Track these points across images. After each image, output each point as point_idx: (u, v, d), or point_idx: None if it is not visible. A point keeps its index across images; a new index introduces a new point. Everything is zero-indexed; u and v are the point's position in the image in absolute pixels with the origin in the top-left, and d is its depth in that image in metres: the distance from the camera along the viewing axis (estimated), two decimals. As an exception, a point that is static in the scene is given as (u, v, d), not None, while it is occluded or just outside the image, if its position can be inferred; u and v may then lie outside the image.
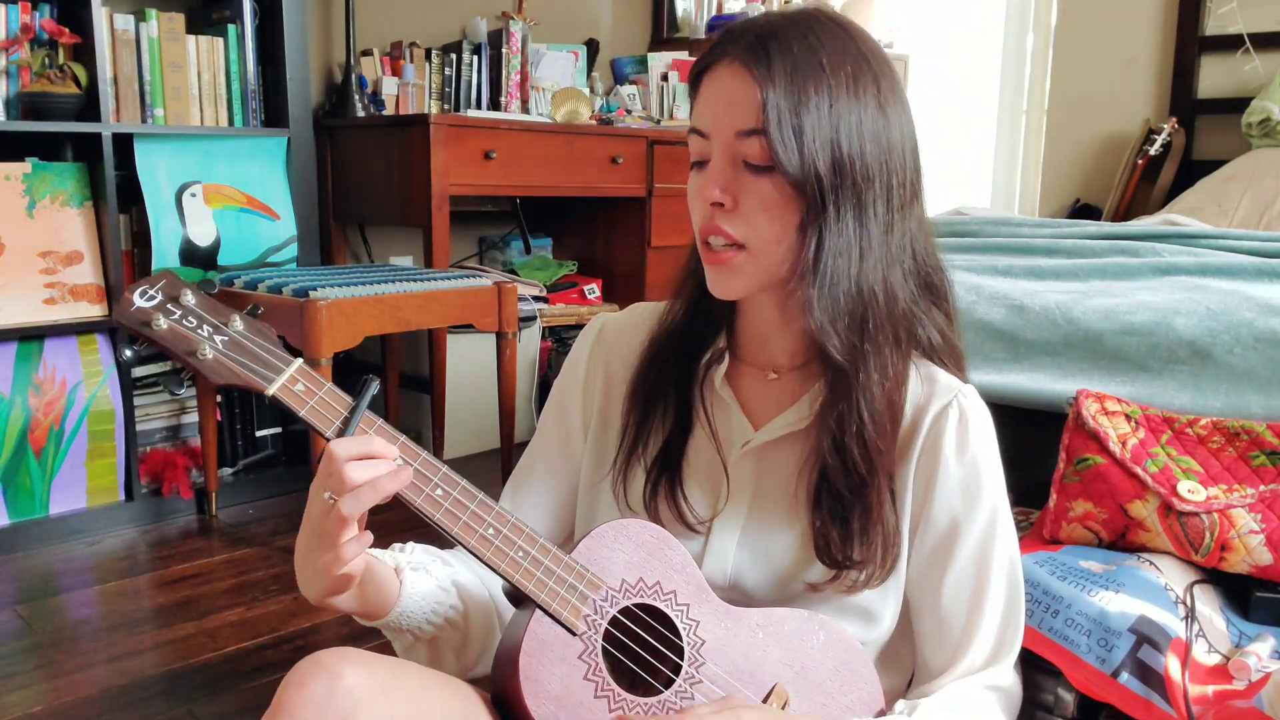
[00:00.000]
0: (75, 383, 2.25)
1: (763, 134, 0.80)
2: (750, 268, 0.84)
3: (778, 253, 0.83)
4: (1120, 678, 1.05)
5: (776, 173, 0.80)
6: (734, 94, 0.81)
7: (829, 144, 0.80)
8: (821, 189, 0.80)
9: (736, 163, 0.82)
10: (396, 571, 0.86)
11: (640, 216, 3.12)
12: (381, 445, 0.76)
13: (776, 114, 0.79)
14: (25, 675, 1.65)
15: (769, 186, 0.81)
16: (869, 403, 0.84)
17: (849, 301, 0.83)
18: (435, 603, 0.88)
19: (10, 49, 2.18)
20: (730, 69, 0.82)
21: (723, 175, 0.83)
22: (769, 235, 0.82)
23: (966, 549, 0.88)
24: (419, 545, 0.93)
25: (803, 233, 0.82)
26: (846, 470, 0.85)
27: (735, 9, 3.82)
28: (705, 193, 0.83)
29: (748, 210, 0.82)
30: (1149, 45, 3.40)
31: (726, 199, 0.82)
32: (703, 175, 0.84)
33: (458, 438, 2.87)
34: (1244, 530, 1.16)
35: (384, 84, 2.93)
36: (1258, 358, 1.32)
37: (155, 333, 0.77)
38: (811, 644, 0.86)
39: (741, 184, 0.82)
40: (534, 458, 1.01)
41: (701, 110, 0.85)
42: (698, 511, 0.90)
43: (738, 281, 0.85)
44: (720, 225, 0.83)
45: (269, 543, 2.25)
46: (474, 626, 0.91)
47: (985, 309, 1.51)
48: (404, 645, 0.89)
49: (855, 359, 0.83)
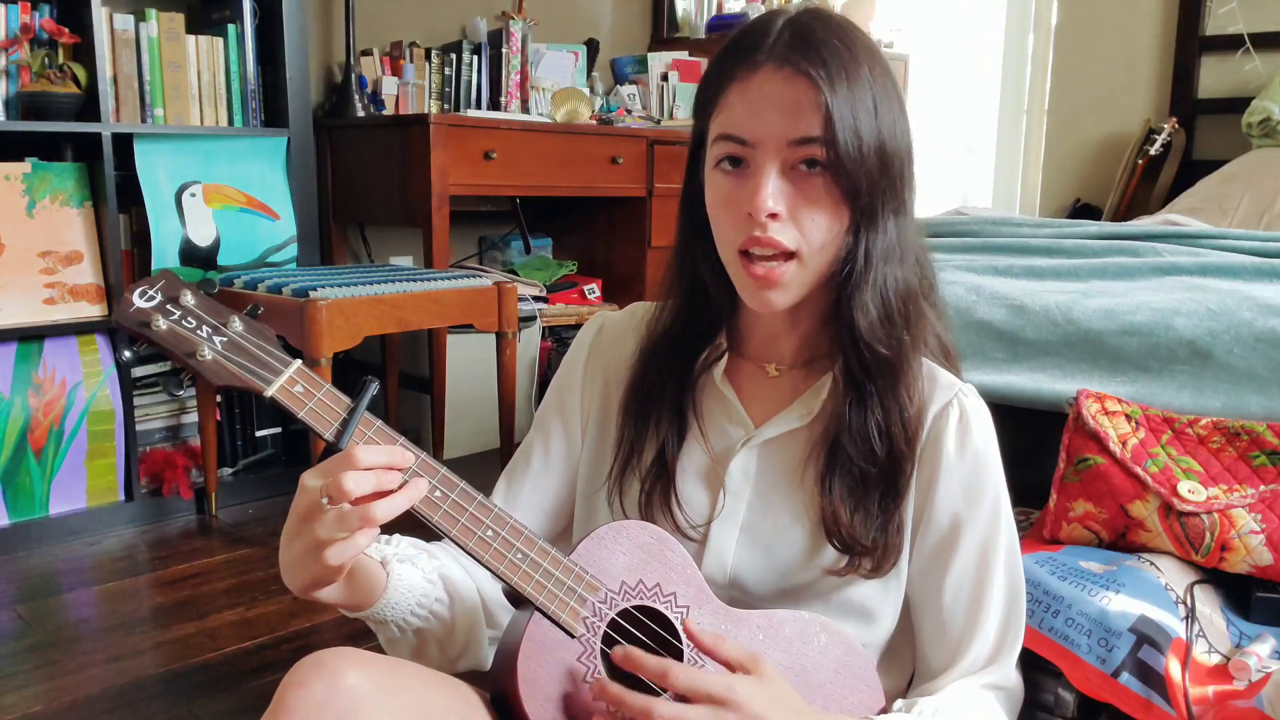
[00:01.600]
0: (75, 383, 2.25)
1: (824, 142, 0.78)
2: (799, 279, 0.83)
3: (826, 258, 0.83)
4: (1120, 678, 1.05)
5: (830, 177, 0.80)
6: (789, 101, 0.79)
7: (877, 146, 0.81)
8: (872, 190, 0.81)
9: (785, 170, 0.81)
10: (383, 564, 0.86)
11: (640, 216, 3.12)
12: (400, 456, 0.75)
13: (840, 120, 0.78)
14: (25, 675, 1.65)
15: (821, 191, 0.81)
16: (909, 392, 0.86)
17: (896, 299, 0.84)
18: (421, 595, 0.87)
19: (10, 49, 2.18)
20: (779, 75, 0.80)
21: (777, 186, 0.80)
22: (820, 241, 0.82)
23: (968, 547, 0.88)
24: (405, 538, 0.92)
25: (852, 236, 0.82)
26: (886, 460, 0.85)
27: (735, 9, 3.82)
28: (759, 204, 0.80)
29: (800, 217, 0.81)
30: (1149, 45, 3.40)
31: (781, 209, 0.81)
32: (744, 182, 0.82)
33: (458, 438, 2.87)
34: (1244, 530, 1.16)
35: (384, 84, 2.93)
36: (1258, 358, 1.32)
37: (155, 333, 0.77)
38: (812, 646, 0.86)
39: (791, 191, 0.81)
40: (530, 453, 1.00)
41: (743, 119, 0.81)
42: (693, 517, 0.90)
43: (785, 297, 0.84)
44: (773, 236, 0.81)
45: (269, 543, 2.25)
46: (459, 620, 0.91)
47: (985, 309, 1.51)
48: (388, 637, 0.89)
49: (900, 350, 0.85)
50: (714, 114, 0.85)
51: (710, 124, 0.85)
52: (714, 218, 0.86)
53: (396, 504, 0.74)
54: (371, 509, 0.72)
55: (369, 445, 0.75)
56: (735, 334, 0.94)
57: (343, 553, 0.72)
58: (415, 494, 0.76)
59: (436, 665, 0.87)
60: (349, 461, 0.73)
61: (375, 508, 0.72)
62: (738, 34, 0.85)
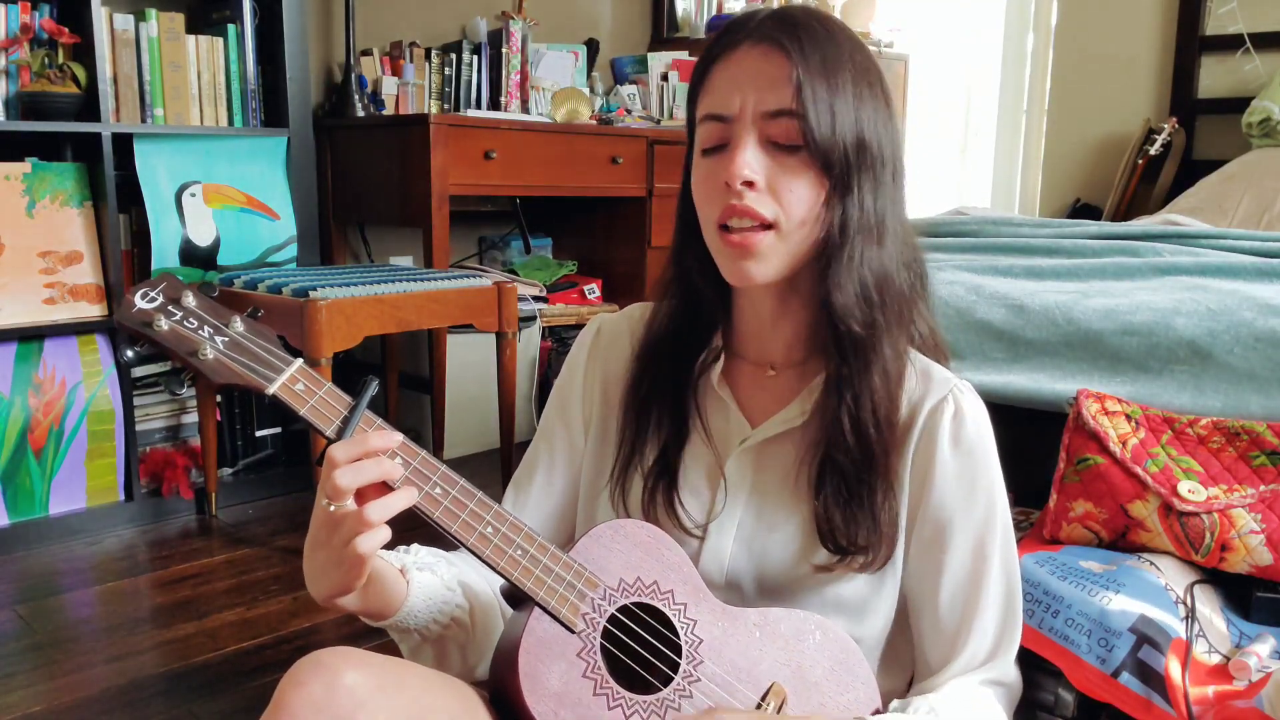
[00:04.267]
0: (75, 383, 2.25)
1: (795, 114, 0.80)
2: (778, 250, 0.84)
3: (804, 233, 0.84)
4: (1120, 678, 1.05)
5: (805, 151, 0.81)
6: (763, 73, 0.82)
7: (854, 123, 0.82)
8: (847, 167, 0.82)
9: (762, 143, 0.82)
10: (402, 572, 0.86)
11: (640, 216, 3.12)
12: (378, 440, 0.76)
13: (811, 92, 0.80)
14: (25, 675, 1.65)
15: (797, 165, 0.82)
16: (883, 379, 0.86)
17: (873, 279, 0.85)
18: (442, 602, 0.88)
19: (10, 49, 2.18)
20: (757, 50, 0.82)
21: (755, 155, 0.82)
22: (798, 214, 0.83)
23: (964, 542, 0.88)
24: (424, 547, 0.93)
25: (828, 211, 0.83)
26: (858, 449, 0.85)
27: (735, 9, 3.82)
28: (734, 172, 0.81)
29: (778, 189, 0.82)
30: (1149, 45, 3.40)
31: (758, 178, 0.82)
32: (723, 157, 0.83)
33: (458, 438, 2.87)
34: (1244, 530, 1.16)
35: (384, 84, 2.93)
36: (1258, 358, 1.32)
37: (157, 334, 0.78)
38: (808, 644, 0.86)
39: (769, 164, 0.82)
40: (536, 459, 1.01)
41: (722, 94, 0.84)
42: (694, 517, 0.91)
43: (764, 266, 0.84)
44: (750, 205, 0.82)
45: (269, 543, 2.25)
46: (479, 626, 0.91)
47: (985, 309, 1.51)
48: (410, 646, 0.89)
49: (874, 334, 0.85)
50: (699, 100, 0.87)
51: (696, 111, 0.87)
52: (697, 201, 0.87)
53: (392, 504, 0.75)
54: (367, 510, 0.73)
55: (343, 443, 0.76)
56: (731, 334, 0.95)
57: (365, 544, 0.74)
58: (410, 497, 0.77)
59: (458, 673, 0.87)
60: (330, 463, 0.74)
61: (370, 509, 0.73)
62: (724, 25, 0.87)
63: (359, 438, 0.77)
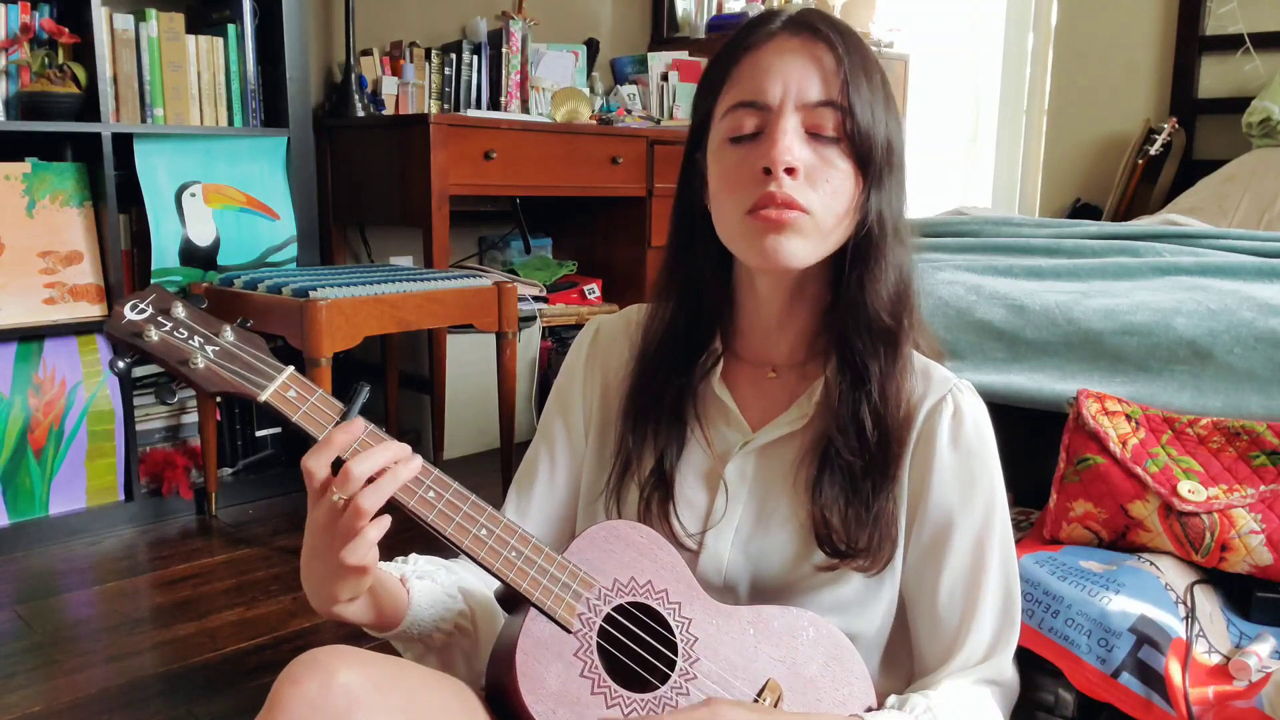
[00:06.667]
0: (75, 383, 2.25)
1: (838, 106, 0.81)
2: (812, 234, 0.82)
3: (839, 227, 0.84)
4: (1120, 678, 1.05)
5: (842, 144, 0.82)
6: (806, 64, 0.82)
7: (884, 122, 0.83)
8: (882, 167, 0.83)
9: (801, 133, 0.82)
10: (402, 581, 0.86)
11: (640, 216, 3.12)
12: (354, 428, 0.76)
13: (856, 86, 0.81)
14: (25, 675, 1.65)
15: (836, 158, 0.82)
16: (899, 378, 0.87)
17: (902, 276, 0.86)
18: (444, 609, 0.88)
19: (10, 49, 2.18)
20: (796, 39, 0.83)
21: (797, 141, 0.81)
22: (836, 207, 0.83)
23: (962, 543, 0.88)
24: (422, 556, 0.93)
25: (862, 206, 0.83)
26: (871, 448, 0.86)
27: (735, 9, 3.82)
28: (775, 157, 0.79)
29: (815, 179, 0.82)
30: (1149, 45, 3.40)
31: (801, 165, 0.81)
32: (759, 144, 0.82)
33: (458, 438, 2.87)
34: (1244, 530, 1.16)
35: (384, 84, 2.93)
36: (1258, 358, 1.32)
37: (147, 344, 0.77)
38: (801, 640, 0.86)
39: (810, 155, 0.82)
40: (537, 459, 1.01)
41: (758, 81, 0.82)
42: (690, 527, 0.90)
43: (795, 245, 0.82)
44: (789, 194, 0.80)
45: (269, 543, 2.25)
46: (483, 631, 0.91)
47: (985, 309, 1.50)
48: (416, 655, 0.89)
49: (902, 332, 0.86)
50: (723, 91, 0.85)
51: (718, 102, 0.86)
52: (718, 191, 0.86)
53: (384, 488, 0.75)
54: (360, 497, 0.73)
55: (340, 426, 0.77)
56: (732, 335, 0.94)
57: (354, 550, 0.74)
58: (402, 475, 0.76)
59: (464, 679, 0.87)
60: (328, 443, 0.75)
61: (364, 496, 0.74)
62: (743, 24, 0.87)
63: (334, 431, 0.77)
